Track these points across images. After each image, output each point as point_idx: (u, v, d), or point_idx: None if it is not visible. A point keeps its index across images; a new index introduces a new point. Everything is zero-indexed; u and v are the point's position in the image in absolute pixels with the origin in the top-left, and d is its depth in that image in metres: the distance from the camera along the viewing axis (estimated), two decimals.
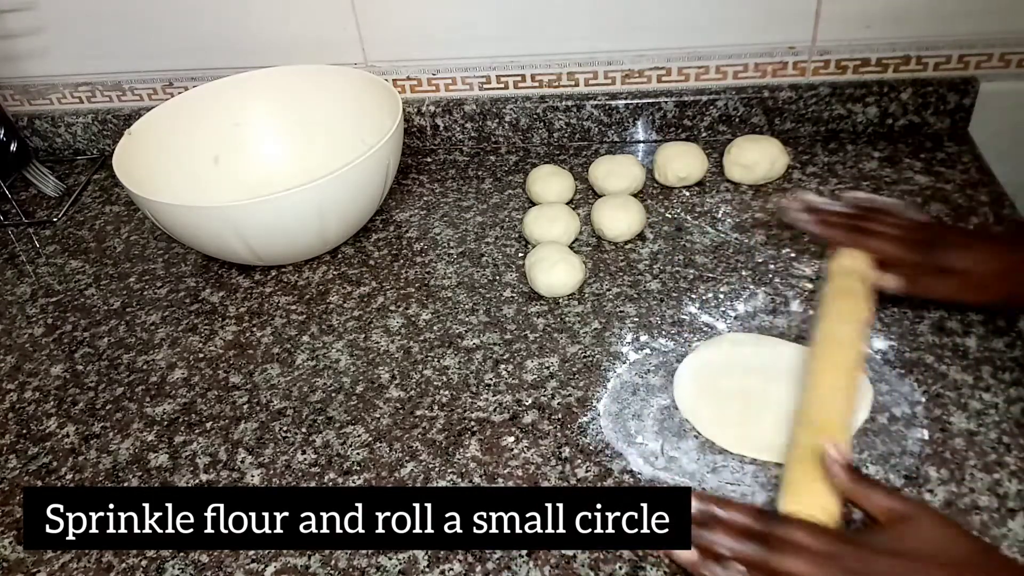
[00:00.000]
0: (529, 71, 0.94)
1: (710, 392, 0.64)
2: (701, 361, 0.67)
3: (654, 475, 0.59)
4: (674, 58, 0.91)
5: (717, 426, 0.61)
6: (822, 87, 0.89)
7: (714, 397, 0.63)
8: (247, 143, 0.93)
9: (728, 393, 0.64)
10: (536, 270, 0.74)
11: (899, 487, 0.56)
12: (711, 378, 0.65)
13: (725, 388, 0.64)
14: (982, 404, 0.61)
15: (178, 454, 0.66)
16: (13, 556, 0.60)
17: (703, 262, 0.77)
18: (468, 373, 0.69)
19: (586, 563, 0.54)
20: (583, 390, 0.66)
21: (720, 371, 0.65)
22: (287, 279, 0.82)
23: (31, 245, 0.93)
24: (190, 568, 0.57)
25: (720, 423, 0.62)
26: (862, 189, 0.83)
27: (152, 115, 0.87)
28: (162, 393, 0.72)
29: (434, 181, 0.94)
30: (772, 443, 0.59)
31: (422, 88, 0.97)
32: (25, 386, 0.75)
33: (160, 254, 0.89)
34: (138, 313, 0.81)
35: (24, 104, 1.05)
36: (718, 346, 0.68)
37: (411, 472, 0.62)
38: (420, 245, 0.84)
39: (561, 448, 0.62)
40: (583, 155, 0.94)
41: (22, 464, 0.67)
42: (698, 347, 0.68)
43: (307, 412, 0.68)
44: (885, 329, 0.67)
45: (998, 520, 0.54)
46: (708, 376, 0.65)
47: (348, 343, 0.74)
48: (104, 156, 1.05)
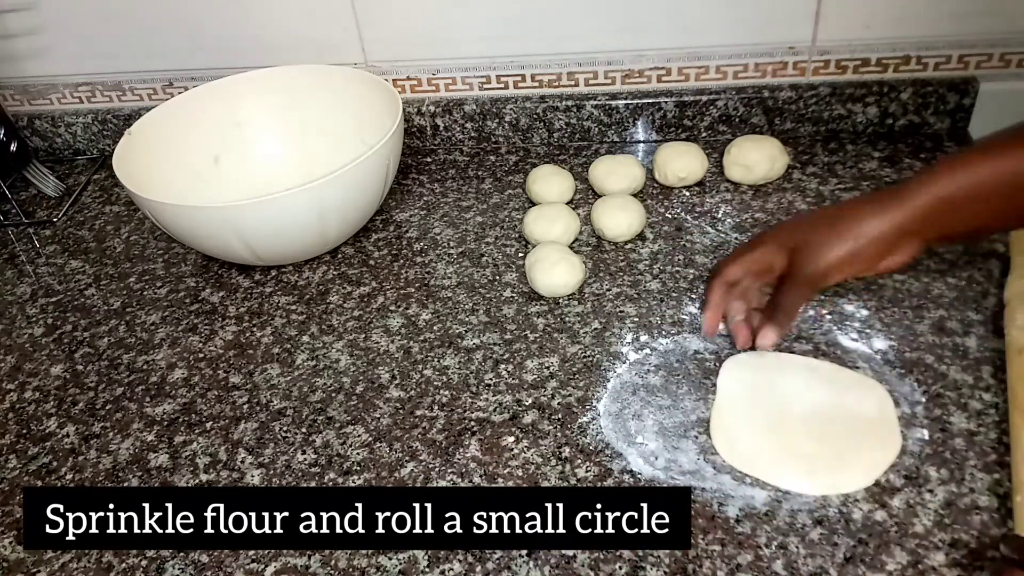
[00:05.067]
0: (529, 71, 0.94)
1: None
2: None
3: (654, 475, 0.59)
4: (674, 58, 0.91)
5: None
6: (822, 87, 0.89)
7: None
8: (247, 143, 0.93)
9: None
10: (536, 270, 0.74)
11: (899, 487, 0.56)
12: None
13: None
14: (982, 404, 0.61)
15: (178, 454, 0.66)
16: (13, 556, 0.60)
17: (703, 262, 0.77)
18: (468, 373, 0.69)
19: (586, 563, 0.54)
20: (583, 390, 0.66)
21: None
22: (287, 279, 0.82)
23: (31, 245, 0.93)
24: (190, 568, 0.57)
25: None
26: (862, 189, 0.83)
27: (152, 115, 0.87)
28: (162, 393, 0.72)
29: (434, 181, 0.94)
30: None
31: (422, 88, 0.97)
32: (25, 386, 0.75)
33: (160, 254, 0.89)
34: (138, 313, 0.81)
35: (24, 104, 1.05)
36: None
37: (411, 472, 0.62)
38: (420, 245, 0.84)
39: (561, 448, 0.62)
40: (583, 155, 0.94)
41: (22, 464, 0.67)
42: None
43: (307, 412, 0.68)
44: (885, 329, 0.67)
45: (998, 520, 0.54)
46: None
47: (348, 343, 0.74)
48: (104, 156, 1.05)
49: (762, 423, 0.61)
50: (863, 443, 0.59)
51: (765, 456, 0.59)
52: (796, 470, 0.58)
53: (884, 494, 0.56)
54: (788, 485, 0.57)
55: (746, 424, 0.61)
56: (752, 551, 0.54)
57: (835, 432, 0.60)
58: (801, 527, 0.55)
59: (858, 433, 0.59)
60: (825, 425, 0.60)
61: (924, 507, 0.55)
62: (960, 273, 0.71)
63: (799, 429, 0.60)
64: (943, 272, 0.72)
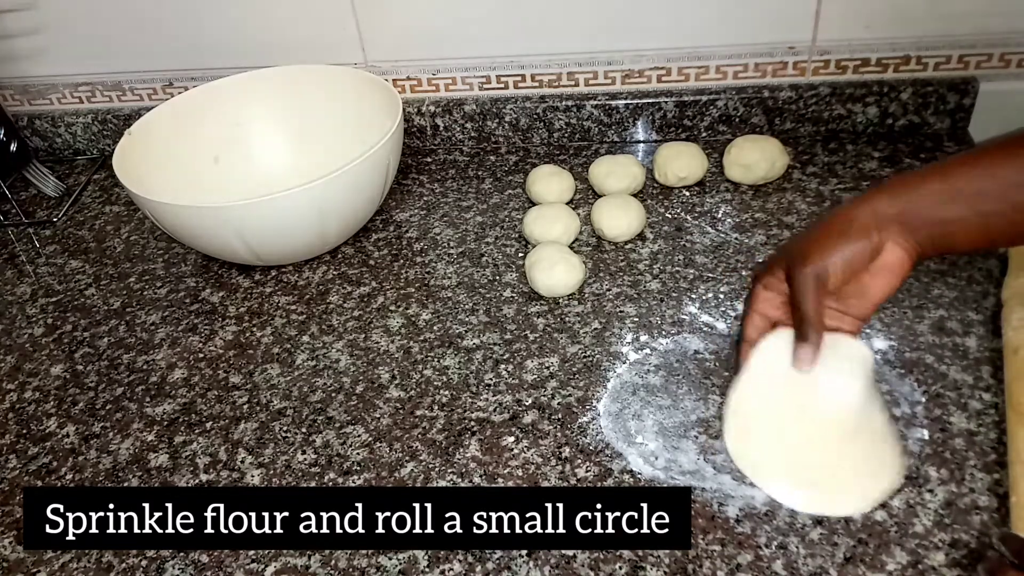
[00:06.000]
0: (529, 71, 0.94)
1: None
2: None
3: (654, 475, 0.59)
4: (674, 58, 0.91)
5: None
6: (822, 87, 0.89)
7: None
8: (247, 143, 0.93)
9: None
10: (536, 270, 0.74)
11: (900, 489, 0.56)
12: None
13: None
14: (982, 404, 0.61)
15: (178, 454, 0.66)
16: (13, 556, 0.60)
17: (703, 262, 0.77)
18: (468, 373, 0.69)
19: (586, 563, 0.54)
20: (583, 390, 0.66)
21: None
22: (287, 279, 0.82)
23: (31, 245, 0.93)
24: (190, 568, 0.57)
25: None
26: (861, 189, 0.83)
27: (152, 115, 0.87)
28: (162, 393, 0.72)
29: (434, 181, 0.94)
30: None
31: (422, 88, 0.97)
32: (25, 386, 0.75)
33: (160, 254, 0.89)
34: (138, 313, 0.81)
35: (24, 104, 1.05)
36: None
37: (411, 472, 0.62)
38: (420, 245, 0.84)
39: (561, 448, 0.62)
40: (583, 155, 0.94)
41: (22, 464, 0.67)
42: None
43: (307, 412, 0.68)
44: (885, 329, 0.67)
45: (998, 520, 0.54)
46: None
47: (348, 343, 0.74)
48: (104, 156, 1.05)
49: (777, 423, 0.57)
50: (870, 463, 0.56)
51: (769, 463, 0.56)
52: (795, 483, 0.55)
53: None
54: (781, 497, 0.55)
55: (763, 417, 0.57)
56: (752, 551, 0.54)
57: (849, 449, 0.56)
58: (801, 527, 0.55)
59: (869, 452, 0.57)
60: (843, 437, 0.57)
61: (924, 507, 0.55)
62: (960, 273, 0.71)
63: (815, 437, 0.56)
64: (943, 272, 0.72)
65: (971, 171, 0.52)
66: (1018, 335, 0.62)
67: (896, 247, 0.53)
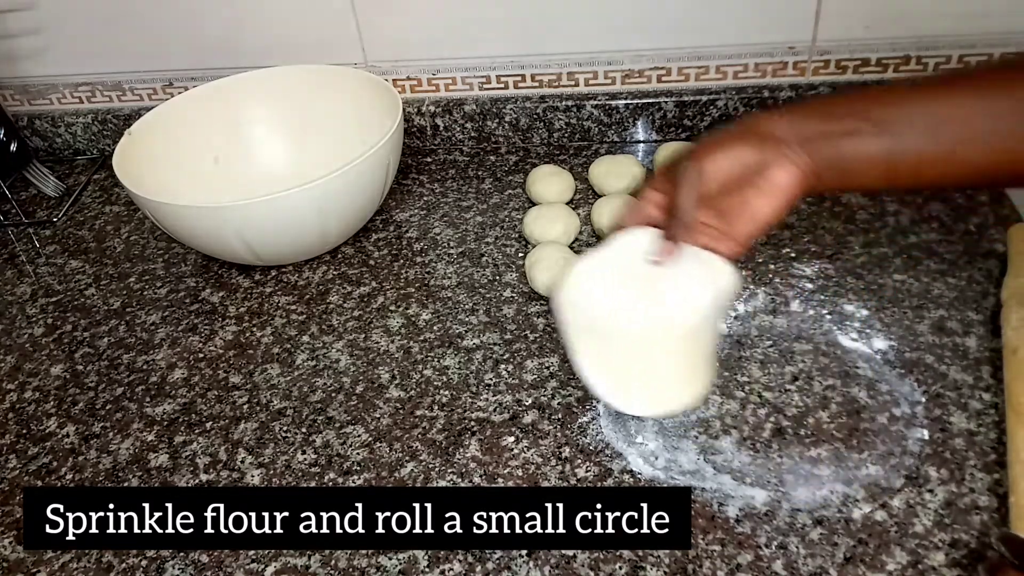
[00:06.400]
0: (529, 71, 0.94)
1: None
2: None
3: (654, 475, 0.59)
4: (674, 58, 0.91)
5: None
6: (822, 87, 0.89)
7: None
8: (247, 143, 0.93)
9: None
10: (536, 270, 0.74)
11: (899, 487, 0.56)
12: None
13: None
14: (982, 404, 0.61)
15: (178, 454, 0.66)
16: (13, 556, 0.60)
17: None
18: (468, 373, 0.69)
19: (586, 563, 0.54)
20: (583, 390, 0.66)
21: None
22: (287, 279, 0.82)
23: (31, 245, 0.93)
24: (190, 568, 0.57)
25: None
26: None
27: (152, 115, 0.87)
28: (162, 393, 0.72)
29: (434, 181, 0.94)
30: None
31: (422, 88, 0.97)
32: (25, 386, 0.75)
33: (160, 254, 0.89)
34: (138, 313, 0.81)
35: (24, 104, 1.05)
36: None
37: (411, 472, 0.62)
38: (420, 245, 0.84)
39: (561, 448, 0.62)
40: (583, 155, 0.94)
41: (22, 464, 0.67)
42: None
43: (307, 412, 0.68)
44: (885, 329, 0.67)
45: (998, 520, 0.54)
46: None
47: (348, 343, 0.74)
48: (104, 156, 1.05)
49: (610, 309, 0.57)
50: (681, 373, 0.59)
51: (584, 347, 0.59)
52: (603, 375, 0.59)
53: (884, 494, 0.56)
54: (588, 380, 0.59)
55: (596, 301, 0.57)
56: (752, 551, 0.54)
57: (669, 358, 0.58)
58: (801, 527, 0.55)
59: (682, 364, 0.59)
60: (667, 343, 0.57)
61: (924, 507, 0.55)
62: (960, 273, 0.71)
63: (640, 336, 0.57)
64: (943, 272, 0.72)
65: (883, 104, 0.52)
66: (1018, 335, 0.62)
67: (791, 166, 0.52)
